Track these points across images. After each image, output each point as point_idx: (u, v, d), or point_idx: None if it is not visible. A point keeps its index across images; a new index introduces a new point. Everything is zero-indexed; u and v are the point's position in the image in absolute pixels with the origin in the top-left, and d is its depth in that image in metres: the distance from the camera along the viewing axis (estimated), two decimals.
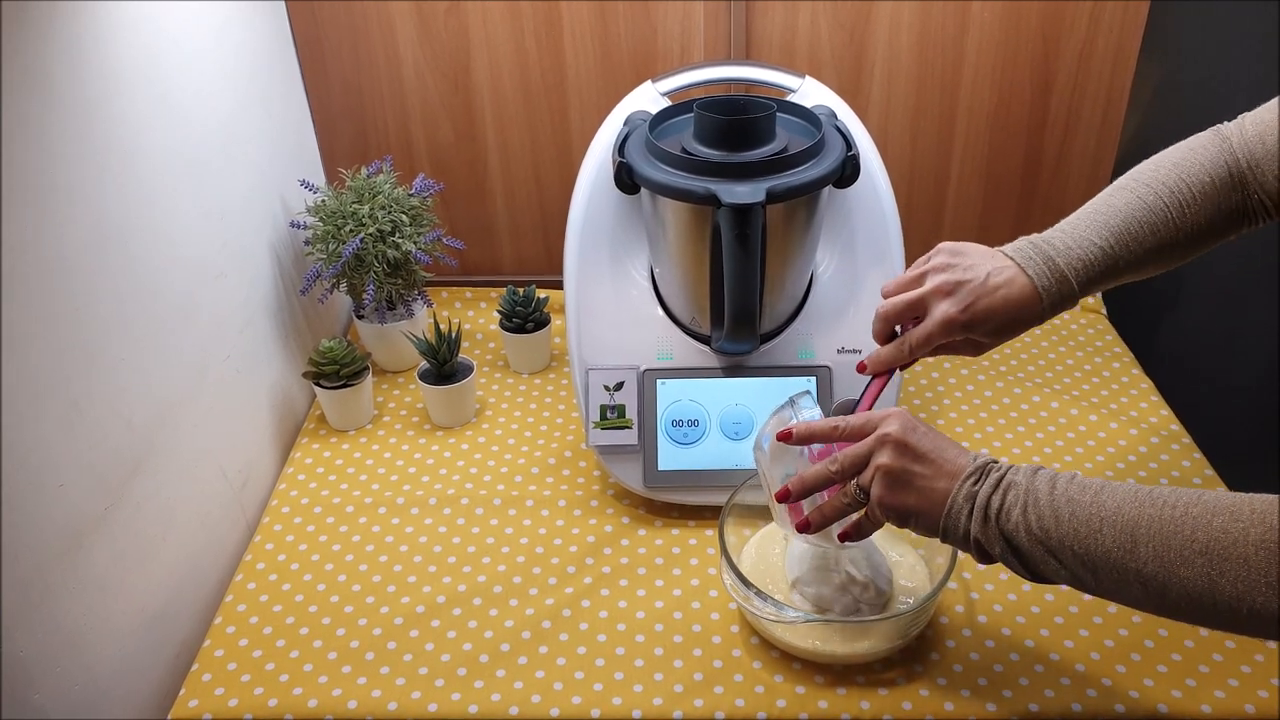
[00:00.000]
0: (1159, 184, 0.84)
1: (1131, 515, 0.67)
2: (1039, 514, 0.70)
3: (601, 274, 1.11)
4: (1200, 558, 0.64)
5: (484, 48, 1.34)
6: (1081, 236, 0.83)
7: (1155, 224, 0.83)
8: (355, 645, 0.96)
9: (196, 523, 1.02)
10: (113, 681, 0.88)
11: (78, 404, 0.82)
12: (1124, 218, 0.83)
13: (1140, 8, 1.29)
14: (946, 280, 0.83)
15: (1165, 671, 0.91)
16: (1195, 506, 0.65)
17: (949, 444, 0.77)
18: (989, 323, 0.83)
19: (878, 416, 0.79)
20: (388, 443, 1.22)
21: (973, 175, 1.43)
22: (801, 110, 1.06)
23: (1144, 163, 0.87)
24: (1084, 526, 0.68)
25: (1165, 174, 0.85)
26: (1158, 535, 0.65)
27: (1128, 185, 0.86)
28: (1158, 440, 1.18)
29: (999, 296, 0.82)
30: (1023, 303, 0.82)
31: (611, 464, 1.09)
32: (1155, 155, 0.88)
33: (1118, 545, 0.67)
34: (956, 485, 0.74)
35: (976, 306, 0.82)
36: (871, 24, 1.31)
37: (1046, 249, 0.83)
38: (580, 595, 1.01)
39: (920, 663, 0.93)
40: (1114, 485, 0.69)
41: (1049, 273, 0.82)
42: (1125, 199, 0.85)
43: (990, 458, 0.76)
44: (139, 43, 0.93)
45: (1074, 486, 0.70)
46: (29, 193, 0.76)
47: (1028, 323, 0.83)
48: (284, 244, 1.26)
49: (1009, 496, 0.72)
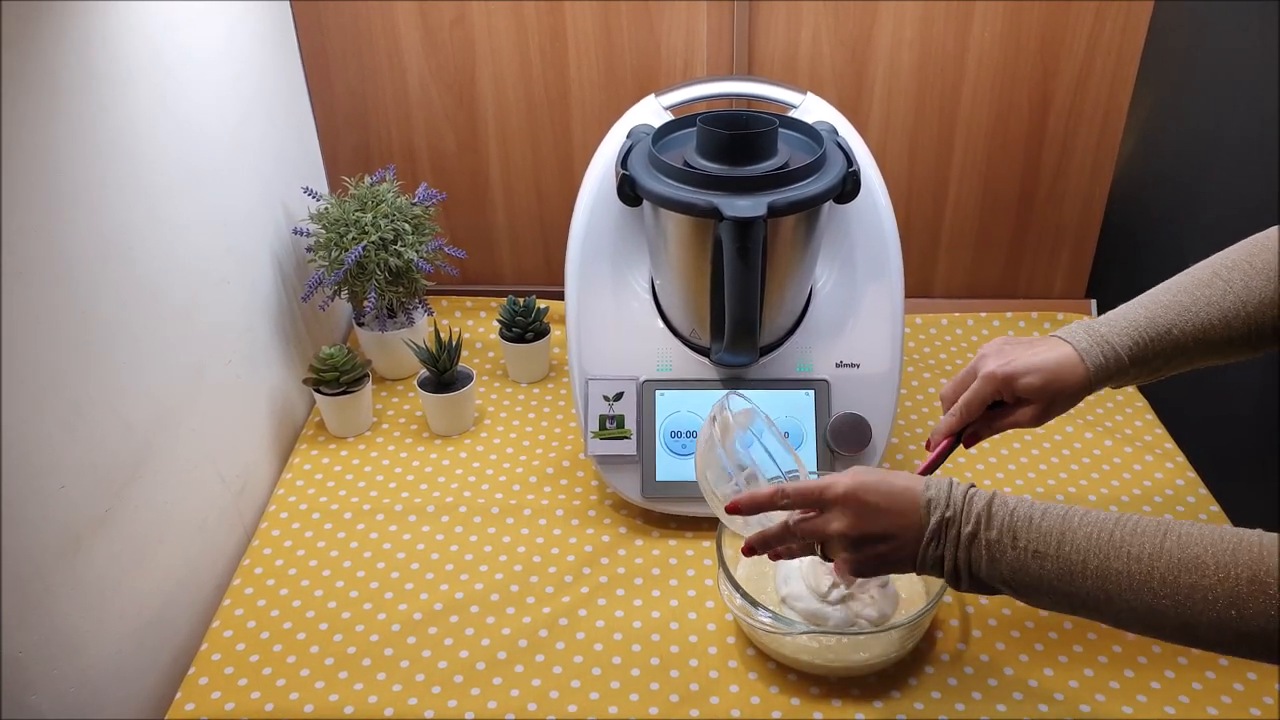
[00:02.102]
0: (1220, 264, 0.85)
1: (1099, 566, 0.69)
2: (1010, 566, 0.72)
3: (602, 285, 1.11)
4: (1172, 615, 0.67)
5: (488, 59, 1.35)
6: (1128, 309, 0.86)
7: (1213, 297, 0.83)
8: (352, 651, 0.96)
9: (194, 526, 1.02)
10: (109, 683, 0.88)
11: (79, 406, 0.83)
12: (1174, 291, 0.85)
13: (1139, 30, 1.31)
14: (993, 348, 0.89)
15: (1159, 688, 0.92)
16: (1160, 561, 0.67)
17: (899, 495, 0.76)
18: (1031, 375, 0.84)
19: (824, 489, 0.78)
20: (386, 450, 1.23)
21: (970, 193, 1.44)
22: (803, 126, 1.07)
23: None
24: (1057, 579, 0.71)
25: (1229, 254, 0.85)
26: (1129, 590, 0.68)
27: (1188, 270, 0.87)
28: (1151, 459, 1.19)
29: (1040, 354, 0.85)
30: (1062, 362, 0.84)
31: (610, 474, 1.10)
32: None
33: (1093, 596, 0.70)
34: (920, 552, 0.75)
35: (1017, 361, 0.85)
36: (873, 43, 1.33)
37: (1091, 324, 0.87)
38: (577, 604, 1.01)
39: (916, 675, 0.93)
40: (1073, 526, 0.71)
41: (1088, 336, 0.85)
42: (1181, 278, 0.86)
43: (939, 493, 0.75)
44: (147, 49, 0.94)
45: (1035, 536, 0.72)
46: (35, 195, 0.77)
47: (1073, 385, 0.85)
48: (286, 251, 1.26)
49: (974, 553, 0.73)
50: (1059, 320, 1.44)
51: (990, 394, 0.87)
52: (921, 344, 1.41)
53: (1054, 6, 1.30)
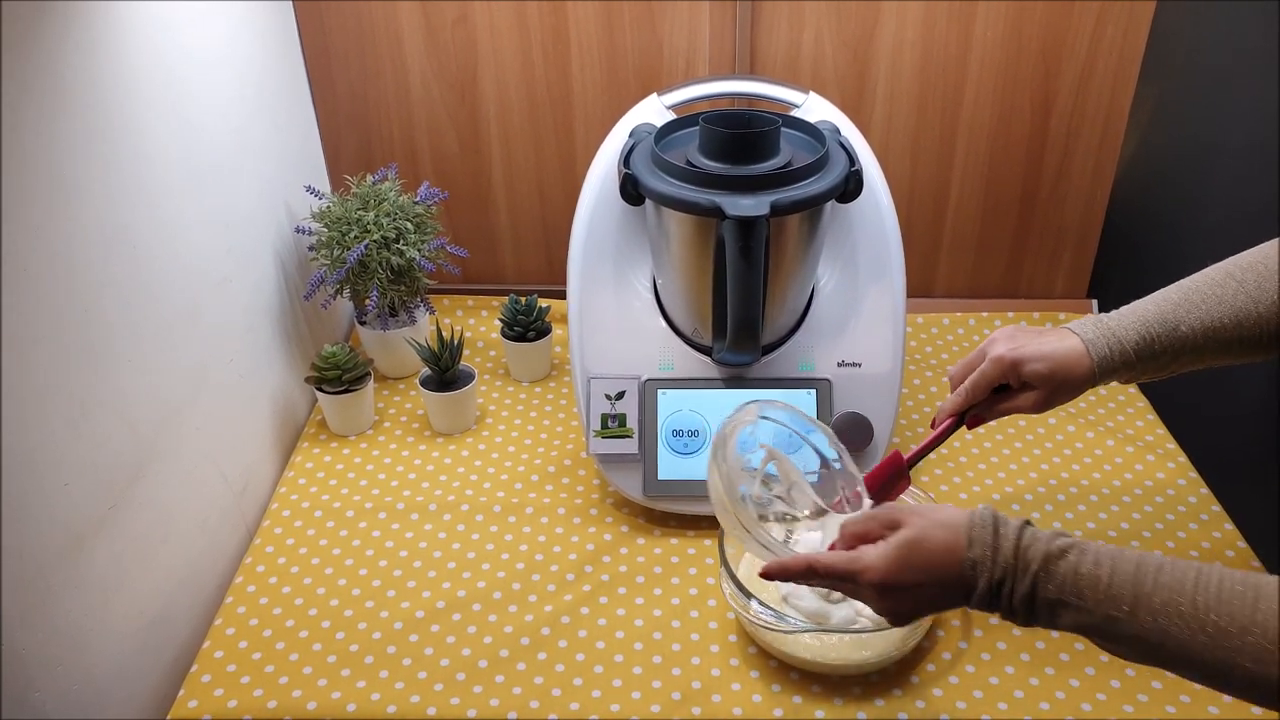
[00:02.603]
0: (1232, 263, 0.85)
1: (1148, 625, 0.64)
2: (1075, 623, 0.67)
3: (605, 284, 1.11)
4: (1215, 675, 0.63)
5: (490, 59, 1.35)
6: (1139, 304, 0.86)
7: (1225, 296, 0.83)
8: (354, 649, 0.96)
9: (196, 525, 1.02)
10: (112, 682, 0.88)
11: (83, 405, 0.83)
12: (1184, 291, 0.85)
13: (1140, 31, 1.31)
14: (1004, 333, 0.89)
15: (1161, 687, 0.92)
16: (1249, 638, 0.61)
17: (938, 564, 0.71)
18: (1037, 361, 0.85)
19: (858, 574, 0.73)
20: (388, 448, 1.23)
21: (972, 193, 1.45)
22: (805, 125, 1.07)
23: None
24: (1130, 647, 0.66)
25: (1242, 257, 0.85)
26: (1177, 647, 0.63)
27: (1202, 271, 0.87)
28: (1153, 459, 1.19)
29: (1049, 343, 0.86)
30: (1069, 352, 0.85)
31: (611, 473, 1.10)
32: None
33: (1144, 648, 0.65)
34: (973, 604, 0.71)
35: (1026, 348, 0.86)
36: (875, 43, 1.33)
37: (1101, 316, 0.87)
38: (579, 603, 1.01)
39: (917, 674, 0.93)
40: (1146, 592, 0.65)
41: (1096, 329, 0.86)
42: (1193, 278, 0.86)
43: (983, 551, 0.69)
44: (151, 49, 0.94)
45: (1104, 599, 0.66)
46: (38, 195, 0.77)
47: (1077, 376, 0.85)
48: (288, 249, 1.27)
49: (1036, 610, 0.68)
50: (1060, 320, 1.44)
51: (997, 377, 0.88)
52: (923, 344, 1.41)
53: (1056, 8, 1.30)
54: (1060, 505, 1.13)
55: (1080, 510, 1.12)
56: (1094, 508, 1.12)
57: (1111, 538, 1.08)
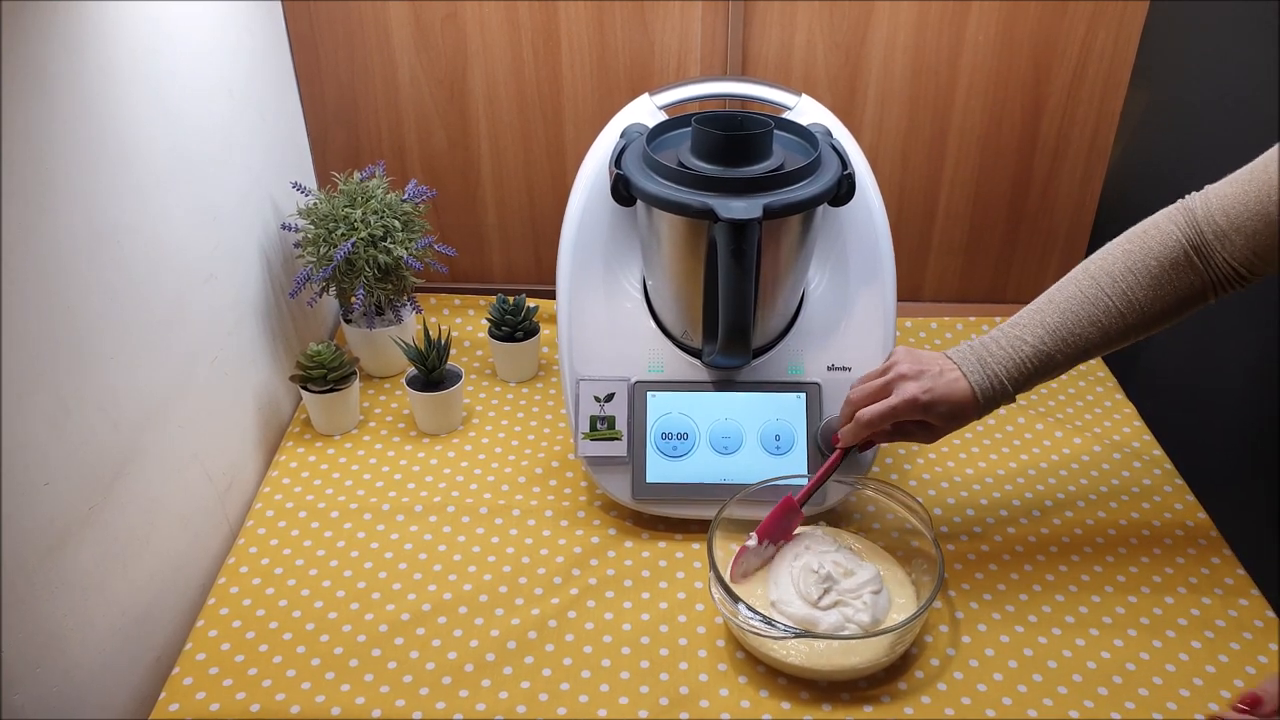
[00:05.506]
0: (1104, 275, 0.91)
1: None
2: None
3: (594, 285, 1.11)
4: None
5: (480, 56, 1.34)
6: (1016, 337, 0.92)
7: (1096, 316, 0.90)
8: (338, 651, 0.95)
9: (180, 524, 1.01)
10: (92, 683, 0.87)
11: (66, 402, 0.82)
12: (1062, 314, 0.91)
13: (1132, 35, 1.31)
14: (910, 368, 0.94)
15: (1147, 695, 0.92)
16: None
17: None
18: (943, 405, 0.92)
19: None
20: (373, 448, 1.22)
21: (962, 197, 1.45)
22: (798, 128, 1.07)
23: (1101, 249, 0.93)
24: None
25: (1113, 263, 0.90)
26: None
27: (1075, 277, 0.93)
28: (1139, 465, 1.20)
29: (948, 383, 0.92)
30: (963, 397, 0.92)
31: (600, 475, 1.09)
32: (1117, 237, 0.93)
33: None
34: None
35: (936, 390, 0.92)
36: (867, 45, 1.33)
37: (982, 353, 0.93)
38: (566, 606, 1.01)
39: (906, 680, 0.93)
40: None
41: (982, 372, 0.92)
42: (1069, 293, 0.92)
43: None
44: (137, 43, 0.93)
45: None
46: (22, 191, 0.75)
47: (970, 416, 0.93)
48: (274, 246, 1.25)
49: None
50: None
51: (907, 415, 0.93)
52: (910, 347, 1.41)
53: (1048, 11, 1.30)
54: (1048, 511, 1.13)
55: (1068, 516, 1.12)
56: (1080, 513, 1.12)
57: (1099, 545, 1.08)
